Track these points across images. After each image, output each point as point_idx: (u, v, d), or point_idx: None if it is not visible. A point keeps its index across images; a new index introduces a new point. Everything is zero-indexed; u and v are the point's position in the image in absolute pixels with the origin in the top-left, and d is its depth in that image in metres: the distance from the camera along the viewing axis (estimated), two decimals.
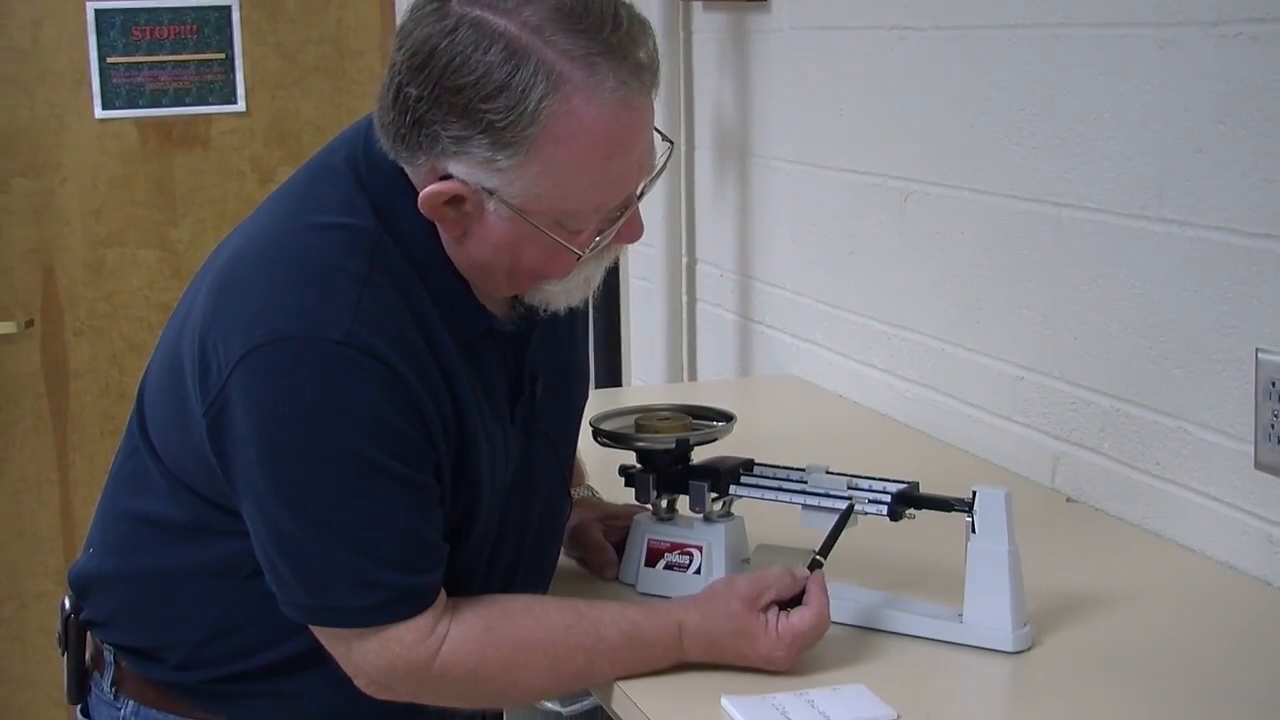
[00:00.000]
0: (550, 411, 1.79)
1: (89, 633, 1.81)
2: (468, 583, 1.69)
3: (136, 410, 1.75)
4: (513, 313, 1.71)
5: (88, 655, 1.82)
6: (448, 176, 1.56)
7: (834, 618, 1.77)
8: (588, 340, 1.95)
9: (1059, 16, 2.22)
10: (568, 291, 1.68)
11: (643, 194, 1.68)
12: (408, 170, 1.60)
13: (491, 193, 1.56)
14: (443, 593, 1.63)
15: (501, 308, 1.71)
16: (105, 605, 1.78)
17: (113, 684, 1.77)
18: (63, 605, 1.84)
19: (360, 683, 1.63)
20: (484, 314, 1.67)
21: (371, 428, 1.55)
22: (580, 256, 1.62)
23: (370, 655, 1.61)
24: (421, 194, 1.57)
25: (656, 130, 1.66)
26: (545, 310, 1.70)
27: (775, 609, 1.67)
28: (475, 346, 1.66)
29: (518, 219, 1.57)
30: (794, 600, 1.69)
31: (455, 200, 1.57)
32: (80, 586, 1.81)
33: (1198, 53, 1.97)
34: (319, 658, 1.66)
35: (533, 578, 1.83)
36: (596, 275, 1.70)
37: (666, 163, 1.70)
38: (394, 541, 1.58)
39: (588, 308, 1.86)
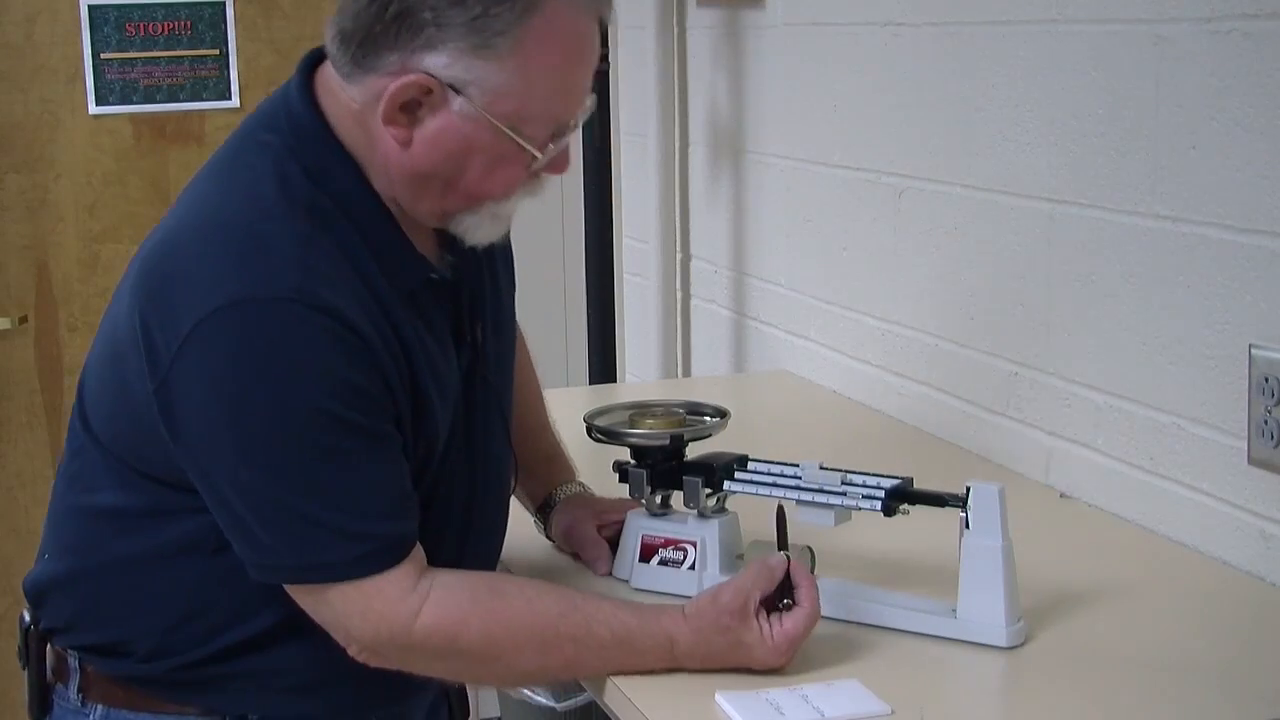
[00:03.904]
0: (491, 360, 1.81)
1: (49, 644, 1.78)
2: (424, 543, 1.69)
3: (78, 409, 1.75)
4: (443, 262, 1.74)
5: (49, 668, 1.78)
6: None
7: (828, 613, 1.77)
8: (513, 292, 1.96)
9: (1052, 12, 2.22)
10: (491, 223, 1.70)
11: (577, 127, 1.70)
12: (363, 86, 1.61)
13: (459, 90, 1.58)
14: (420, 548, 1.64)
15: (432, 254, 1.72)
16: (65, 608, 1.76)
17: (79, 690, 1.75)
18: (22, 618, 1.81)
19: (352, 650, 1.64)
20: (424, 262, 1.69)
21: (332, 383, 1.56)
22: (526, 168, 1.65)
23: (355, 617, 1.61)
24: (390, 88, 1.58)
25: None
26: (464, 243, 1.71)
27: (764, 612, 1.67)
28: (417, 297, 1.68)
29: (478, 120, 1.60)
30: (778, 590, 1.68)
31: (412, 105, 1.59)
32: (36, 595, 1.79)
33: (1191, 49, 1.97)
34: (293, 630, 1.66)
35: (486, 536, 1.83)
36: (511, 213, 1.73)
37: (593, 106, 1.72)
38: (369, 492, 1.59)
39: (511, 262, 1.92)
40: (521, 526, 2.06)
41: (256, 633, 1.68)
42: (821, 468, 1.82)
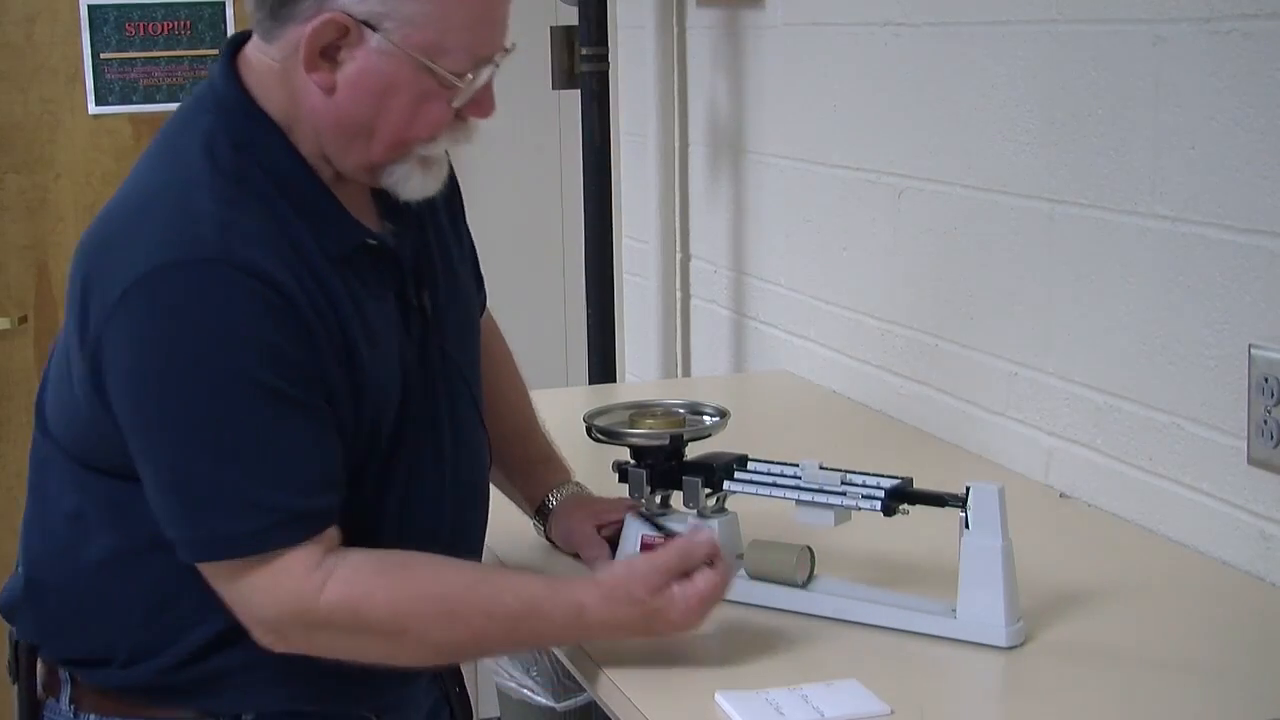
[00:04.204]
0: (450, 332, 1.80)
1: (39, 657, 1.77)
2: (402, 527, 1.69)
3: (38, 420, 1.75)
4: (383, 226, 1.74)
5: (40, 683, 1.77)
6: None
7: (828, 613, 1.77)
8: (470, 266, 1.95)
9: (1052, 13, 2.22)
10: (422, 173, 1.70)
11: (499, 67, 1.70)
12: (283, 40, 1.63)
13: (375, 26, 1.60)
14: (335, 530, 1.62)
15: (373, 222, 1.73)
16: (39, 621, 1.75)
17: (71, 702, 1.73)
18: (11, 633, 1.80)
19: (256, 633, 1.62)
20: (359, 227, 1.69)
21: (255, 347, 1.56)
22: (449, 105, 1.65)
23: (260, 593, 1.59)
24: (307, 31, 1.60)
25: None
26: (400, 201, 1.71)
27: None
28: (355, 263, 1.68)
29: (395, 55, 1.61)
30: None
31: (331, 49, 1.61)
32: (9, 610, 1.78)
33: (1190, 49, 1.97)
34: None
35: (464, 515, 1.81)
36: (442, 164, 1.73)
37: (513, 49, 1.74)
38: (280, 462, 1.58)
39: (465, 233, 1.91)
40: (518, 525, 2.06)
41: (225, 627, 1.66)
42: (821, 468, 1.82)
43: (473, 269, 1.97)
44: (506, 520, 2.06)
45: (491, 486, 2.04)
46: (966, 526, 1.72)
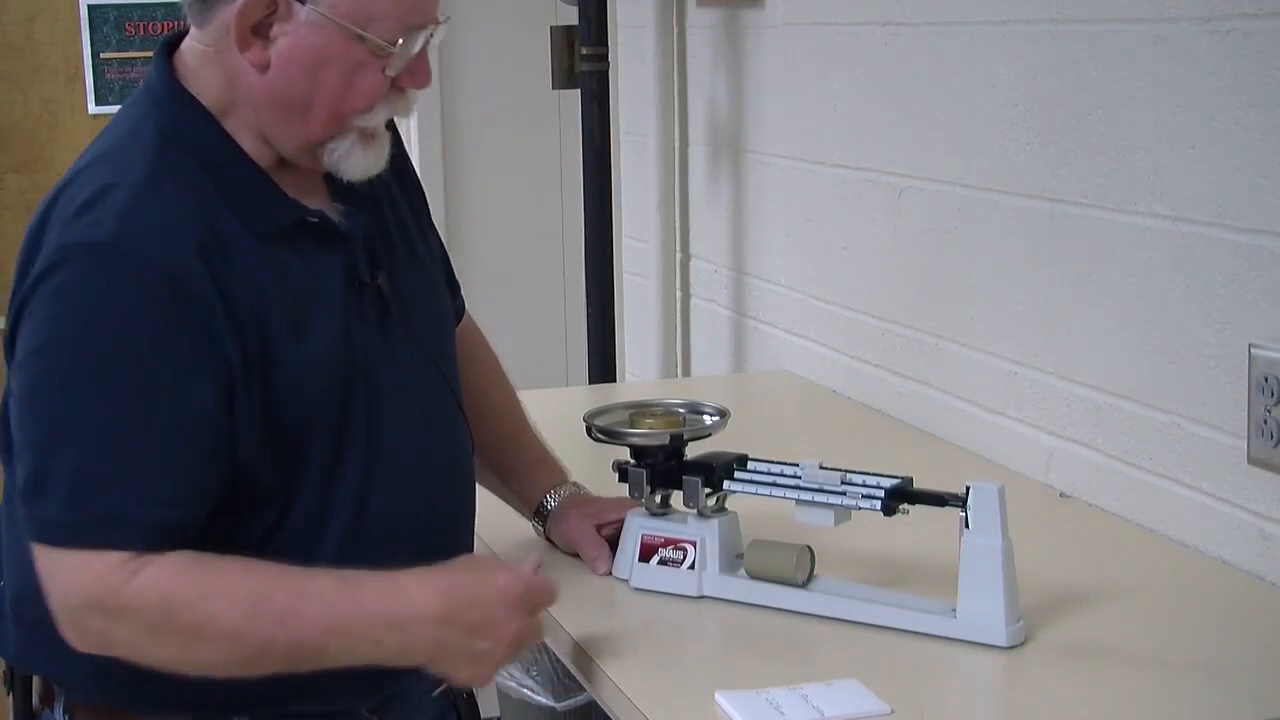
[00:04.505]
0: (415, 314, 1.79)
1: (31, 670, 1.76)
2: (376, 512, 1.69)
3: (2, 435, 1.71)
4: (334, 209, 1.74)
5: (36, 694, 1.76)
6: None
7: (828, 613, 1.77)
8: (431, 247, 1.95)
9: (1052, 12, 2.22)
10: (363, 149, 1.70)
11: (433, 38, 1.70)
12: (214, 24, 1.65)
13: (303, 0, 1.61)
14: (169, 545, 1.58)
15: (320, 201, 1.73)
16: (24, 639, 1.72)
17: (66, 712, 1.72)
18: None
19: (60, 622, 1.58)
20: (294, 205, 1.69)
21: (132, 336, 1.56)
22: (383, 73, 1.65)
23: (67, 574, 1.56)
24: (234, 10, 1.61)
25: None
26: (342, 176, 1.71)
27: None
28: (292, 241, 1.68)
29: (325, 26, 1.62)
30: None
31: (262, 27, 1.62)
32: None
33: (1190, 48, 1.97)
34: None
35: (447, 500, 1.80)
36: (386, 142, 1.73)
37: (447, 22, 1.74)
38: (123, 464, 1.56)
39: (430, 229, 1.91)
40: (517, 526, 2.06)
41: None
42: (821, 467, 1.82)
43: (444, 272, 1.96)
44: (506, 519, 2.06)
45: (488, 492, 2.04)
46: (966, 526, 1.72)
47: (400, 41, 1.65)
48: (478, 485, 2.01)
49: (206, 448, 1.60)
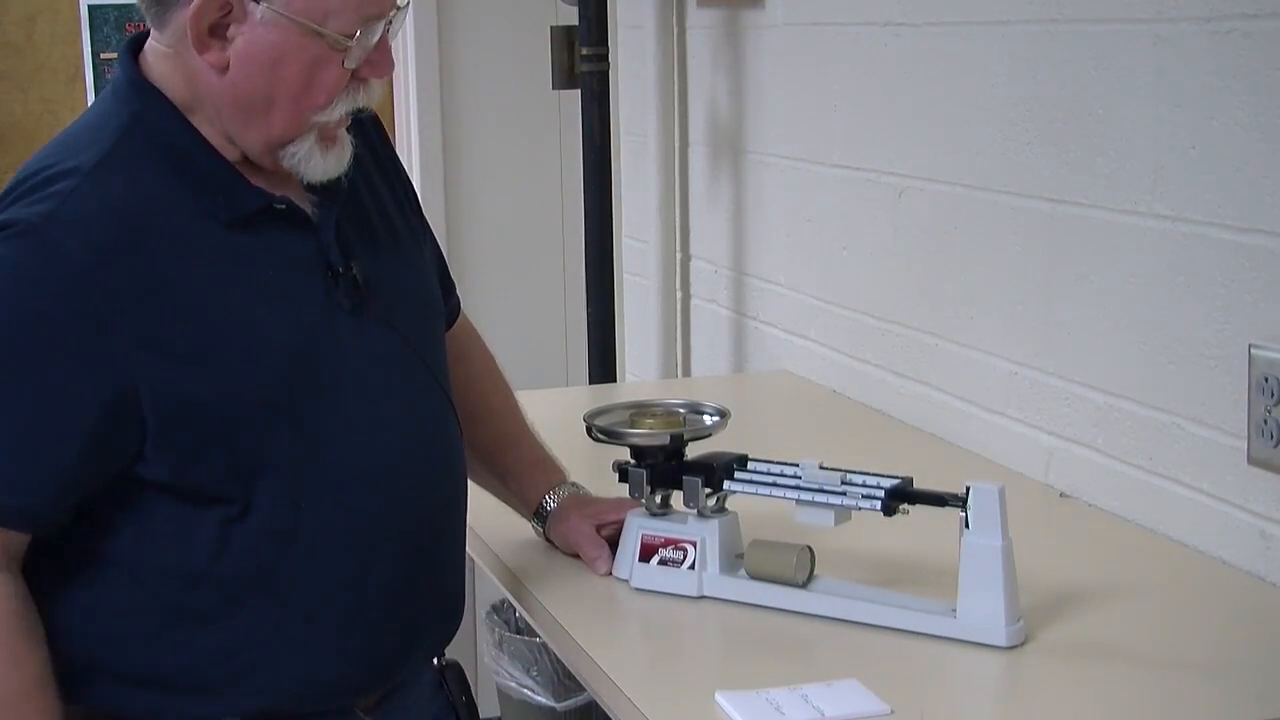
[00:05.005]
0: (394, 304, 1.77)
1: None
2: (356, 483, 1.68)
3: None
4: (308, 198, 1.73)
5: None
6: None
7: (828, 613, 1.77)
8: (419, 237, 1.94)
9: (1052, 12, 2.22)
10: (323, 150, 1.69)
11: (392, 25, 1.70)
12: (172, 26, 1.64)
13: (257, 0, 1.61)
14: (14, 539, 1.60)
15: (291, 189, 1.72)
16: None
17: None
18: None
19: None
20: (258, 192, 1.69)
21: (28, 320, 1.57)
22: (342, 67, 1.65)
23: None
24: (189, 13, 1.61)
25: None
26: (303, 180, 1.70)
27: None
28: (258, 229, 1.68)
29: (280, 24, 1.62)
30: None
31: (219, 28, 1.62)
32: None
33: (1191, 48, 1.97)
34: (176, 623, 1.65)
35: (434, 492, 1.79)
36: (347, 144, 1.73)
37: (407, 7, 1.73)
38: None
39: (423, 227, 1.91)
40: (516, 526, 2.06)
41: (195, 632, 1.66)
42: (821, 467, 1.82)
43: (438, 271, 1.96)
44: (510, 522, 2.07)
45: (486, 493, 2.04)
46: (967, 526, 1.72)
47: (358, 34, 1.64)
48: (479, 487, 2.01)
49: (74, 444, 1.60)
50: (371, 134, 1.86)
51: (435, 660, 1.90)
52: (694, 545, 1.87)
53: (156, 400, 1.60)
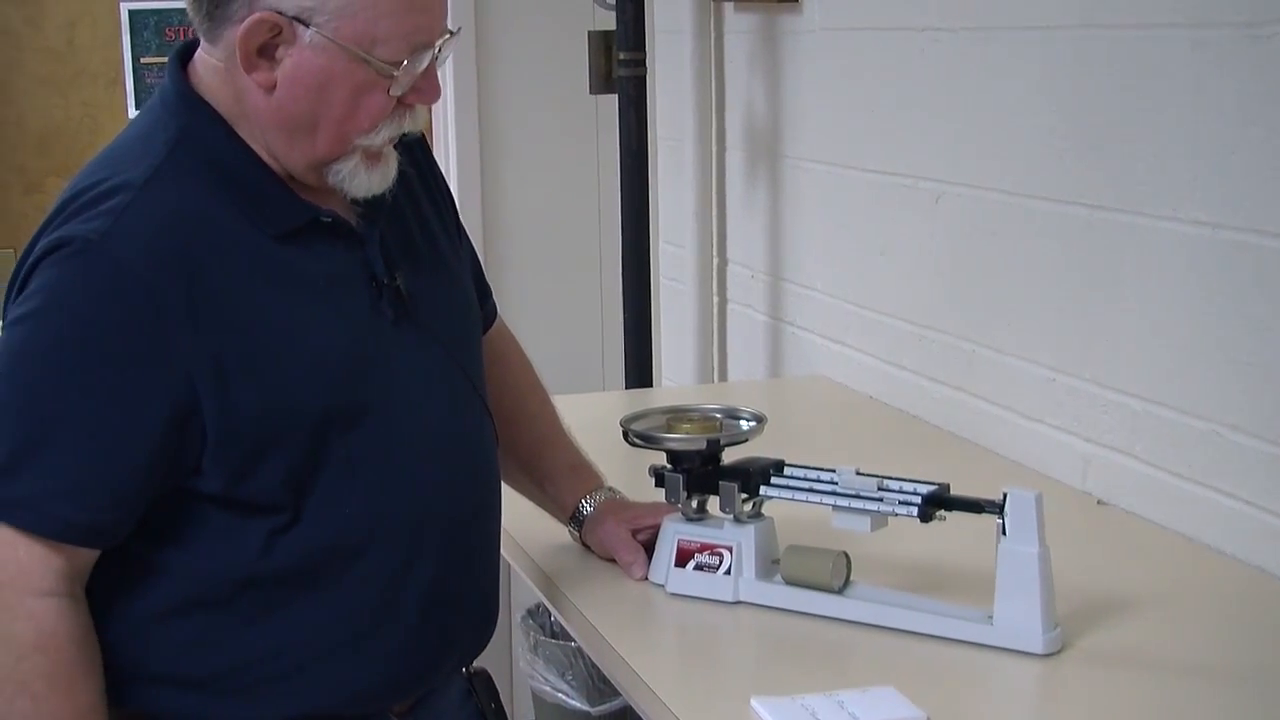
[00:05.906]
0: (437, 315, 1.79)
1: None
2: (400, 480, 1.69)
3: None
4: (349, 210, 1.74)
5: None
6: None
7: (864, 619, 1.77)
8: (475, 275, 1.96)
9: (1090, 18, 2.22)
10: (367, 169, 1.70)
11: (441, 53, 1.70)
12: (222, 43, 1.66)
13: (306, 22, 1.61)
14: (84, 555, 1.60)
15: (336, 203, 1.73)
16: None
17: None
18: None
19: None
20: (306, 205, 1.70)
21: (94, 339, 1.57)
22: (388, 94, 1.65)
23: None
24: (239, 33, 1.62)
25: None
26: (346, 196, 1.71)
27: None
28: (306, 241, 1.69)
29: (329, 49, 1.62)
30: None
31: (268, 48, 1.63)
32: None
33: (1230, 54, 1.97)
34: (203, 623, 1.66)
35: (473, 499, 1.80)
36: (392, 161, 1.73)
37: (458, 33, 1.74)
38: (51, 455, 1.57)
39: (461, 235, 1.92)
40: (551, 530, 2.07)
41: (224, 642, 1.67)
42: (858, 473, 1.82)
43: (474, 275, 1.97)
44: (546, 526, 2.07)
45: (522, 497, 2.05)
46: (1003, 533, 1.72)
47: (405, 62, 1.65)
48: (515, 491, 2.02)
49: (141, 460, 1.60)
50: (416, 152, 1.87)
51: (464, 669, 1.91)
52: (730, 550, 1.87)
53: (216, 414, 1.61)
